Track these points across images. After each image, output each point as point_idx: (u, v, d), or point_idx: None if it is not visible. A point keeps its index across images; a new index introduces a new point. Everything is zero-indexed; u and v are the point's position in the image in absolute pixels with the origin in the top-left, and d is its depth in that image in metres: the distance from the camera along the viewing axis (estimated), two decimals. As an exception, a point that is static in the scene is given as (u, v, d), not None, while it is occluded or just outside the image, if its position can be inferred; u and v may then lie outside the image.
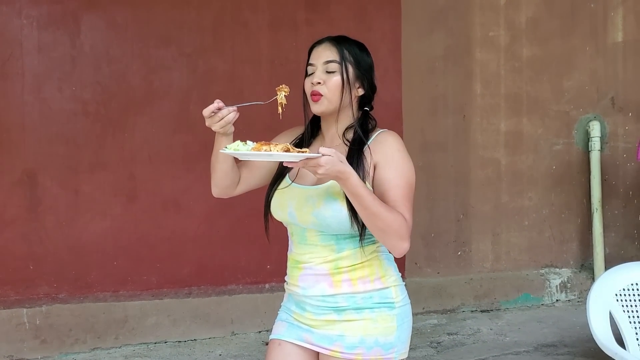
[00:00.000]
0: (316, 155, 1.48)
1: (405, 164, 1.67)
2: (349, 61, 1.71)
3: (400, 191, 1.63)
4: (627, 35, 4.35)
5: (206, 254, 3.77)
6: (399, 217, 1.59)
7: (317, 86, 1.70)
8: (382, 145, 1.68)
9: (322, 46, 1.74)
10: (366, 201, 1.55)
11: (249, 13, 3.80)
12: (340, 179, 1.52)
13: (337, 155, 1.50)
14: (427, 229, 4.11)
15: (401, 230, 1.59)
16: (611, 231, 4.35)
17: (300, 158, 1.47)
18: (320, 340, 1.70)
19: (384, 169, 1.66)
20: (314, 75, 1.72)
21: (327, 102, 1.70)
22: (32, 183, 3.56)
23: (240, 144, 1.57)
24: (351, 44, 1.75)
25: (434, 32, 4.10)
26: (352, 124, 1.73)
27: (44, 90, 3.56)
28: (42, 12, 3.55)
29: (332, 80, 1.70)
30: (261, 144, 1.52)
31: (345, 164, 1.52)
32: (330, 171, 1.49)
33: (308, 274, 1.72)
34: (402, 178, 1.65)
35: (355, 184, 1.54)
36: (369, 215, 1.57)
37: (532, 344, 3.54)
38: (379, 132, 1.73)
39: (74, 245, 3.59)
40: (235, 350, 3.52)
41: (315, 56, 1.74)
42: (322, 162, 1.47)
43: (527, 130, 4.27)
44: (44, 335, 3.45)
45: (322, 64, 1.72)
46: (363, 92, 1.74)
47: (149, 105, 3.69)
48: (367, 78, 1.74)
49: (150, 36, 3.68)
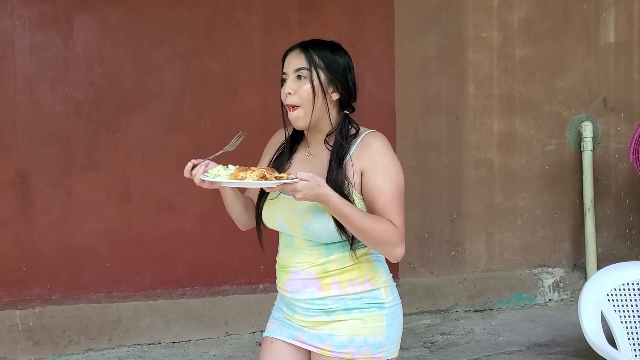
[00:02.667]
0: (293, 181, 1.48)
1: (392, 167, 1.65)
2: (319, 66, 1.67)
3: (389, 197, 1.62)
4: (619, 36, 4.37)
5: (200, 254, 3.77)
6: (388, 226, 1.60)
7: (288, 97, 1.68)
8: (367, 150, 1.66)
9: (292, 54, 1.70)
10: (351, 218, 1.56)
11: (242, 14, 3.79)
12: (320, 201, 1.53)
13: (315, 179, 1.51)
14: (421, 229, 4.12)
15: (392, 239, 1.60)
16: (603, 231, 4.36)
17: (277, 184, 1.49)
18: (311, 339, 1.71)
19: (371, 176, 1.64)
20: (285, 85, 1.69)
21: (303, 112, 1.67)
22: (25, 184, 3.54)
23: (222, 169, 1.59)
24: (322, 47, 1.69)
25: (427, 32, 4.11)
26: (333, 130, 1.70)
27: (37, 91, 3.55)
28: (35, 13, 3.53)
29: (303, 89, 1.67)
30: (238, 170, 1.53)
31: (324, 187, 1.53)
32: (308, 195, 1.50)
33: (294, 278, 1.71)
34: (390, 183, 1.63)
35: (337, 204, 1.54)
36: (357, 231, 1.59)
37: (525, 343, 3.56)
38: (364, 134, 1.70)
39: (67, 246, 3.58)
40: (229, 351, 3.52)
41: (286, 64, 1.71)
42: (298, 187, 1.49)
43: (520, 131, 4.28)
44: (37, 337, 3.44)
45: (292, 72, 1.69)
46: (338, 95, 1.70)
47: (142, 106, 3.68)
48: (341, 81, 1.69)
49: (143, 37, 3.67)
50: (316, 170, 1.68)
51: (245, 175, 1.51)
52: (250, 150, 1.99)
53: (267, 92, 3.78)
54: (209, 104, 3.76)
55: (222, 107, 3.77)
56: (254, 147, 2.01)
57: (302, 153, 1.76)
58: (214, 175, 1.57)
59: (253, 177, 1.50)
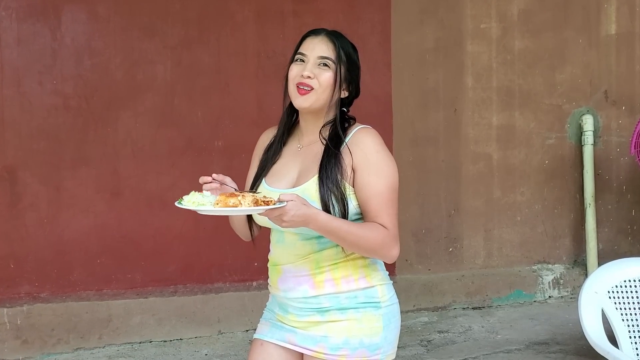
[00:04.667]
0: (281, 205, 1.45)
1: (384, 165, 1.61)
2: (343, 62, 1.66)
3: (381, 198, 1.59)
4: (621, 28, 4.31)
5: (192, 251, 3.71)
6: (381, 232, 1.57)
7: (308, 79, 1.63)
8: (359, 147, 1.62)
9: (318, 38, 1.66)
10: (342, 232, 1.54)
11: (234, 4, 3.73)
12: (309, 222, 1.50)
13: (300, 199, 1.49)
14: (418, 225, 4.06)
15: (385, 243, 1.58)
16: (604, 226, 4.31)
17: (264, 209, 1.45)
18: (304, 341, 1.66)
19: (363, 174, 1.60)
20: (304, 67, 1.64)
21: (316, 97, 1.63)
22: (12, 179, 3.48)
23: (199, 196, 1.53)
24: (346, 44, 1.69)
25: (424, 23, 4.04)
26: (330, 121, 1.67)
27: (24, 84, 3.49)
28: (22, 3, 3.46)
29: (325, 76, 1.64)
30: (226, 196, 1.47)
31: (309, 206, 1.50)
32: (295, 217, 1.47)
33: (288, 276, 1.67)
34: (383, 184, 1.60)
35: (325, 222, 1.52)
36: (349, 244, 1.57)
37: (524, 341, 3.50)
38: (356, 129, 1.67)
39: (56, 243, 3.52)
40: (221, 349, 3.47)
41: (309, 47, 1.66)
42: (286, 209, 1.45)
43: (519, 125, 4.22)
44: (25, 336, 3.39)
45: (316, 58, 1.64)
46: (347, 94, 1.69)
47: (133, 100, 3.62)
48: (355, 81, 1.70)
49: (133, 28, 3.60)
50: (307, 162, 1.65)
51: (237, 201, 1.45)
52: (243, 145, 1.94)
53: (260, 85, 3.73)
54: (200, 97, 3.70)
55: (214, 100, 3.71)
56: (247, 140, 1.96)
57: (293, 145, 1.72)
58: (194, 203, 1.51)
59: (247, 203, 1.45)
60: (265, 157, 1.74)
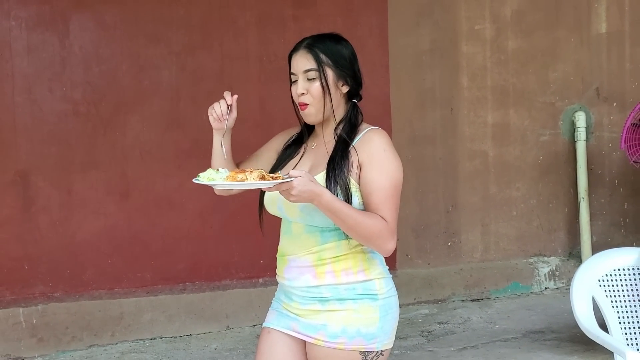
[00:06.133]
0: (289, 180, 1.53)
1: (390, 163, 1.69)
2: (327, 64, 1.71)
3: (384, 193, 1.66)
4: (611, 26, 4.39)
5: (200, 250, 3.80)
6: (379, 222, 1.64)
7: (301, 97, 1.73)
8: (367, 145, 1.70)
9: (298, 54, 1.74)
10: (343, 214, 1.61)
11: (236, 10, 3.82)
12: (314, 199, 1.58)
13: (308, 176, 1.57)
14: (417, 220, 4.16)
15: (382, 234, 1.65)
16: (598, 219, 4.40)
17: (273, 184, 1.53)
18: (305, 328, 1.75)
19: (368, 170, 1.68)
20: (297, 86, 1.74)
21: (315, 110, 1.73)
22: (25, 184, 3.57)
23: (213, 172, 1.62)
24: (325, 43, 1.73)
25: (420, 26, 4.13)
26: (344, 118, 1.76)
27: (35, 91, 3.58)
28: (31, 13, 3.56)
29: (314, 88, 1.72)
30: (236, 172, 1.57)
31: (316, 184, 1.58)
32: (301, 192, 1.54)
33: (292, 266, 1.77)
34: (386, 179, 1.67)
35: (330, 201, 1.59)
36: (348, 227, 1.64)
37: (521, 330, 3.60)
38: (366, 130, 1.75)
39: (68, 244, 3.62)
40: (230, 344, 3.56)
41: (294, 65, 1.75)
42: (294, 184, 1.53)
43: (514, 122, 4.31)
44: (40, 334, 3.48)
45: (302, 73, 1.73)
46: (348, 88, 1.76)
47: (139, 104, 3.71)
48: (349, 73, 1.74)
49: (139, 35, 3.69)
50: (319, 157, 1.74)
51: (244, 177, 1.54)
52: (247, 146, 2.02)
53: (262, 88, 3.81)
54: (205, 100, 3.67)
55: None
56: (251, 142, 2.04)
57: (310, 144, 1.82)
58: (208, 179, 1.59)
59: (254, 178, 1.54)
60: (283, 154, 1.84)
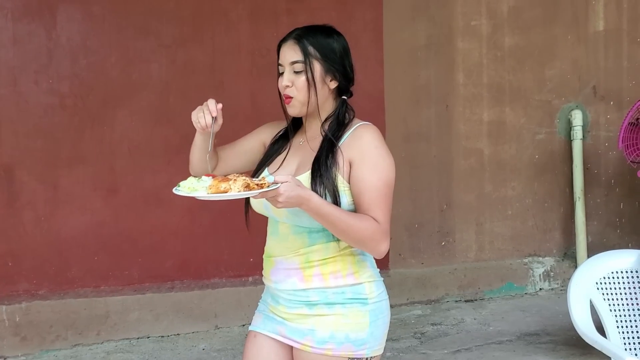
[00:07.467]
0: (275, 187, 1.47)
1: (382, 161, 1.61)
2: (315, 57, 1.64)
3: (376, 193, 1.59)
4: (609, 24, 4.36)
5: (188, 247, 3.74)
6: (371, 223, 1.58)
7: (286, 90, 1.67)
8: (358, 142, 1.63)
9: (286, 45, 1.68)
10: (333, 218, 1.55)
11: (228, 3, 3.75)
12: (302, 203, 1.51)
13: (294, 180, 1.50)
14: (411, 219, 4.11)
15: (375, 236, 1.58)
16: (593, 219, 4.37)
17: (259, 192, 1.46)
18: (292, 333, 1.68)
19: (359, 168, 1.61)
20: (283, 77, 1.68)
21: (299, 103, 1.66)
22: (10, 178, 3.50)
23: (194, 181, 1.54)
24: (316, 35, 1.66)
25: (415, 21, 4.08)
26: (331, 115, 1.68)
27: (20, 83, 3.50)
28: (17, 3, 3.48)
29: (299, 81, 1.65)
30: (219, 181, 1.49)
31: (303, 188, 1.52)
32: (289, 198, 1.48)
33: (279, 268, 1.70)
34: (378, 178, 1.60)
35: (318, 205, 1.53)
36: (339, 231, 1.57)
37: (515, 333, 3.56)
38: (356, 125, 1.67)
39: (53, 240, 3.55)
40: (218, 344, 3.50)
41: (282, 56, 1.68)
42: (280, 190, 1.47)
43: (509, 120, 4.27)
44: (24, 333, 3.41)
45: (288, 65, 1.66)
46: (337, 83, 1.68)
47: (128, 98, 3.64)
48: (339, 68, 1.66)
49: (128, 27, 3.62)
50: (307, 155, 1.67)
51: (228, 186, 1.47)
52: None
53: (254, 83, 3.75)
54: (195, 95, 3.69)
55: (208, 97, 3.70)
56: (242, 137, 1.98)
57: (297, 140, 1.75)
58: (189, 189, 1.51)
59: (238, 187, 1.46)
60: (270, 149, 1.77)
